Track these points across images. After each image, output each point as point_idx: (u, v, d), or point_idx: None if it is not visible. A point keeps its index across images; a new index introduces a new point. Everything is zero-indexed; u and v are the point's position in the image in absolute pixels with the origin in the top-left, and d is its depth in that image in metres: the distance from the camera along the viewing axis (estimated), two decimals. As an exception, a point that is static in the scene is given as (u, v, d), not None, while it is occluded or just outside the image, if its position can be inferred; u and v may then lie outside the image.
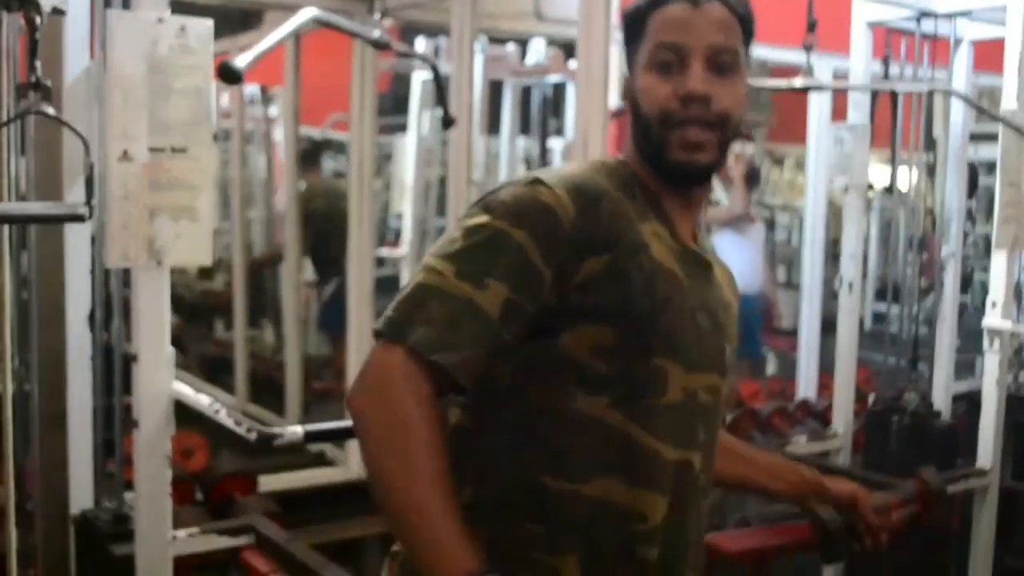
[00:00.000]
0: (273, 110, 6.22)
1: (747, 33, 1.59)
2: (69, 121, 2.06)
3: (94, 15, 2.53)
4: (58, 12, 2.21)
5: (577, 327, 1.46)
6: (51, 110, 1.90)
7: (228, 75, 2.31)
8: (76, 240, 2.55)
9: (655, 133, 1.53)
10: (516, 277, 1.42)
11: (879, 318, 5.32)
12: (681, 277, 1.54)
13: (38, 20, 1.84)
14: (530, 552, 1.46)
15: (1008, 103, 3.73)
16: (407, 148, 5.61)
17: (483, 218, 1.46)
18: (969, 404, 4.33)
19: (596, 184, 1.53)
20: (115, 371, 2.75)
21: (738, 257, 6.93)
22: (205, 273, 6.16)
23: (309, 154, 5.87)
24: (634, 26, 1.58)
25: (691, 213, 1.64)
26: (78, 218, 1.99)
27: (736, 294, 1.75)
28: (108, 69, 2.22)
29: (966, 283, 5.94)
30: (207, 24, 2.29)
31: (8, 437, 2.19)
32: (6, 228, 2.18)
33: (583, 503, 1.46)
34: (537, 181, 1.49)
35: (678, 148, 1.52)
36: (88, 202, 1.97)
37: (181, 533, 2.53)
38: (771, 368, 7.50)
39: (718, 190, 7.61)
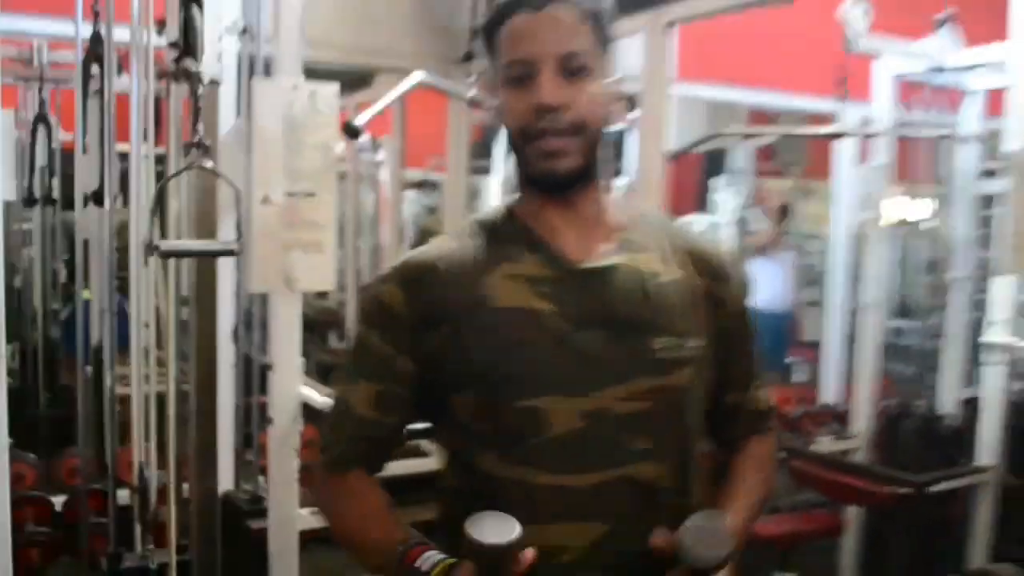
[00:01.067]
0: (380, 155, 6.27)
1: (600, 28, 1.36)
2: (222, 172, 2.11)
3: (240, 83, 2.57)
4: (214, 83, 2.23)
5: (452, 396, 1.37)
6: (210, 164, 1.95)
7: (350, 132, 2.37)
8: (225, 268, 2.57)
9: (519, 148, 1.36)
10: (376, 372, 1.39)
11: (896, 332, 5.23)
12: (542, 307, 1.33)
13: (200, 90, 1.88)
14: None
15: (1011, 143, 3.63)
16: (492, 187, 5.63)
17: (357, 326, 1.48)
18: (975, 409, 4.21)
19: (422, 260, 1.40)
20: (253, 377, 2.78)
21: (769, 280, 6.91)
22: (321, 293, 6.23)
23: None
24: (488, 43, 1.40)
25: (582, 222, 1.40)
26: (231, 253, 2.04)
27: (701, 267, 1.45)
28: (253, 128, 2.25)
29: (980, 302, 5.85)
30: (333, 89, 2.31)
31: (170, 430, 2.25)
32: (172, 260, 2.24)
33: None
34: (377, 281, 1.45)
35: (537, 159, 1.34)
36: (238, 240, 2.03)
37: (305, 511, 2.53)
38: (799, 376, 7.40)
39: (753, 218, 7.57)
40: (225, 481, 2.73)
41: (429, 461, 4.25)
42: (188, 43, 1.83)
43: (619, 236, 1.42)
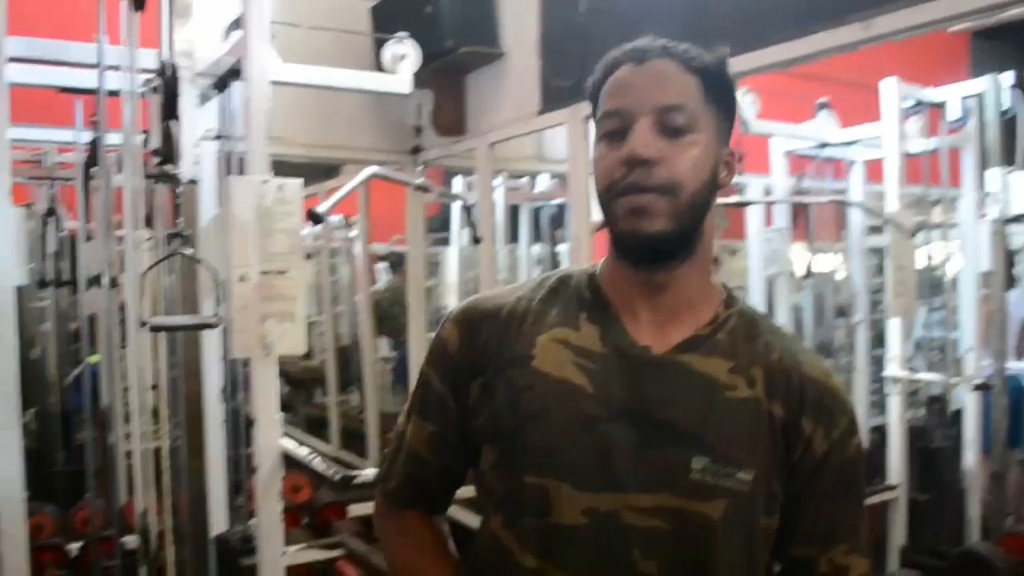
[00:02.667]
0: (353, 232, 6.38)
1: (711, 87, 1.11)
2: (202, 255, 2.21)
3: (219, 179, 2.66)
4: (192, 182, 2.34)
5: (483, 447, 1.18)
6: (190, 251, 2.06)
7: (314, 218, 2.46)
8: (213, 338, 2.63)
9: (605, 205, 1.11)
10: (430, 411, 1.23)
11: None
12: (579, 383, 1.11)
13: (179, 188, 2.00)
14: None
15: (890, 206, 3.81)
16: (450, 256, 5.75)
17: (424, 362, 1.28)
18: (883, 435, 4.32)
19: (485, 307, 1.22)
20: (240, 430, 2.81)
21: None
22: (306, 355, 6.29)
23: (396, 263, 6.12)
24: (594, 102, 1.17)
25: (663, 305, 1.14)
26: (211, 326, 2.14)
27: (783, 391, 1.13)
28: (229, 217, 2.32)
29: (881, 340, 6.00)
30: (298, 182, 2.38)
31: (166, 479, 2.32)
32: (161, 333, 2.34)
33: None
34: (445, 319, 1.26)
35: (623, 216, 1.08)
36: (216, 313, 2.13)
37: (291, 548, 2.56)
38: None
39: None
40: (220, 523, 2.74)
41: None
42: (168, 151, 1.95)
43: (702, 332, 1.15)
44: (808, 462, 1.13)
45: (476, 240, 3.23)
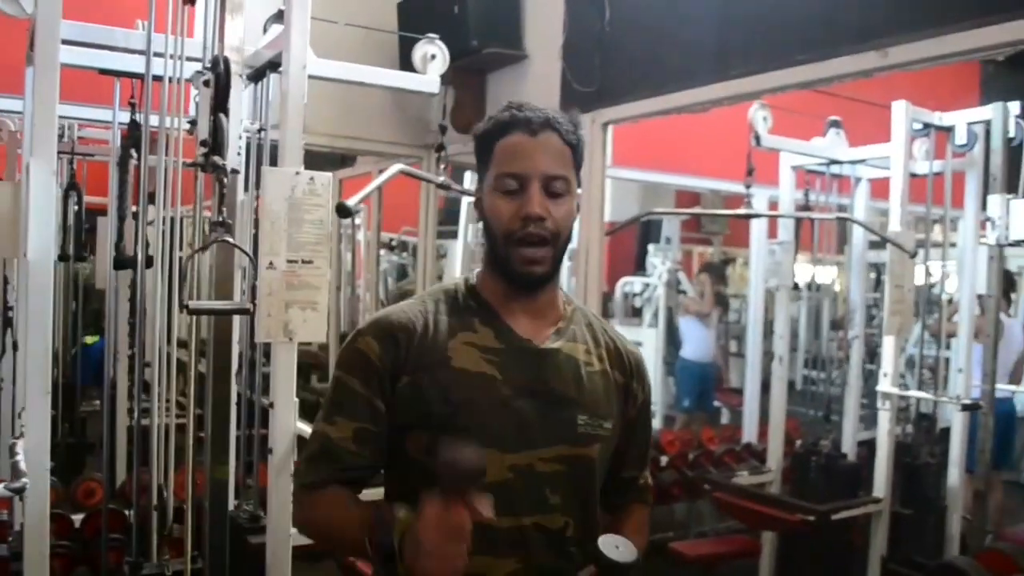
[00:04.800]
0: (357, 219, 6.47)
1: (577, 157, 1.50)
2: (239, 245, 2.29)
3: (248, 168, 2.74)
4: (235, 171, 2.43)
5: (408, 435, 1.46)
6: (231, 239, 2.15)
7: (342, 211, 2.54)
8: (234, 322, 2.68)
9: (501, 248, 1.46)
10: (355, 411, 1.47)
11: (810, 381, 5.48)
12: (490, 374, 1.46)
13: (225, 180, 2.09)
14: None
15: (893, 225, 3.93)
16: (457, 249, 5.85)
17: (336, 371, 1.53)
18: (871, 448, 4.44)
19: (397, 320, 1.50)
20: (256, 412, 2.90)
21: (699, 334, 7.19)
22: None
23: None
24: (482, 150, 1.50)
25: (535, 310, 1.53)
26: (246, 311, 2.23)
27: (623, 366, 1.61)
28: (261, 206, 2.40)
29: (873, 355, 6.12)
30: (328, 176, 2.46)
31: (189, 460, 2.42)
32: (196, 317, 2.44)
33: None
34: (357, 333, 1.52)
35: (519, 263, 1.45)
36: (252, 300, 2.23)
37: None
38: (724, 419, 7.62)
39: (684, 283, 7.87)
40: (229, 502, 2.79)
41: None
42: (217, 143, 2.05)
43: (560, 325, 1.55)
44: (634, 411, 1.62)
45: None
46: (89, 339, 5.21)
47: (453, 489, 1.26)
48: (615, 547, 1.38)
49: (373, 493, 1.55)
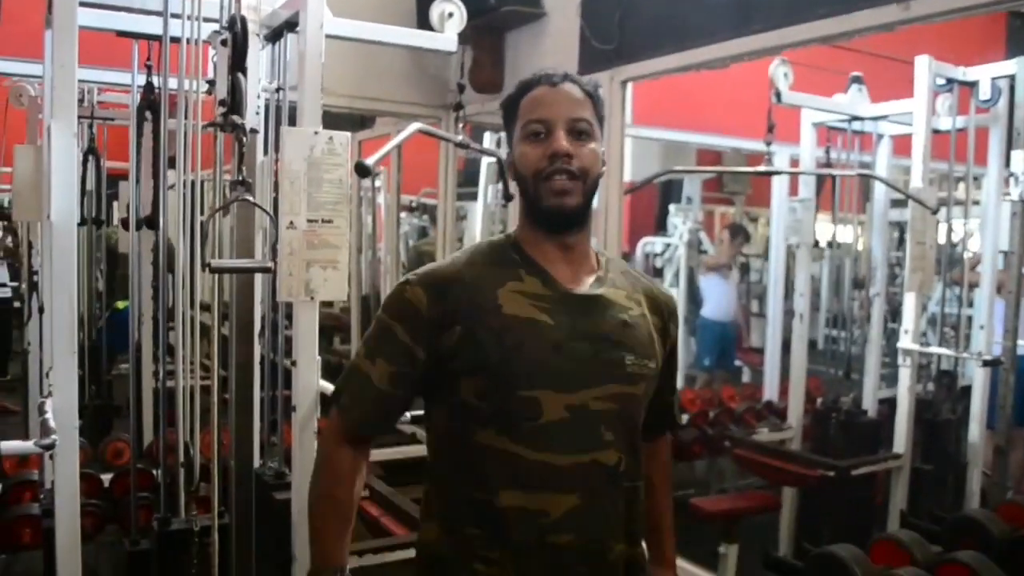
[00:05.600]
0: (377, 182, 6.48)
1: (598, 107, 1.59)
2: (260, 203, 2.31)
3: (268, 129, 2.73)
4: (254, 131, 2.42)
5: (462, 380, 1.53)
6: (251, 198, 2.16)
7: (361, 170, 2.53)
8: (256, 281, 2.70)
9: (531, 188, 1.55)
10: (395, 355, 1.56)
11: (832, 340, 5.48)
12: (542, 319, 1.53)
13: (245, 139, 2.09)
14: (473, 549, 1.53)
15: (915, 182, 3.91)
16: (477, 211, 5.85)
17: (380, 313, 1.62)
18: (892, 406, 4.45)
19: (447, 272, 1.58)
20: (280, 373, 2.90)
21: (719, 293, 7.18)
22: (326, 302, 6.42)
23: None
24: (509, 111, 1.61)
25: (573, 259, 1.61)
26: (268, 270, 2.25)
27: (656, 307, 1.69)
28: (281, 166, 2.41)
29: (896, 314, 6.10)
30: (347, 135, 2.46)
31: (214, 418, 2.45)
32: (218, 279, 2.45)
33: (498, 510, 1.50)
34: (405, 282, 1.59)
35: (549, 195, 1.53)
36: (273, 259, 2.24)
37: None
38: (746, 377, 7.64)
39: (706, 243, 7.84)
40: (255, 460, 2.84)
41: (423, 448, 4.47)
42: (235, 102, 2.05)
43: (600, 274, 1.63)
44: (670, 349, 1.72)
45: (508, 198, 3.32)
46: (121, 304, 5.27)
47: None
48: None
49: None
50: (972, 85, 4.08)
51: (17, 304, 6.36)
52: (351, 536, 1.64)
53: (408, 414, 2.12)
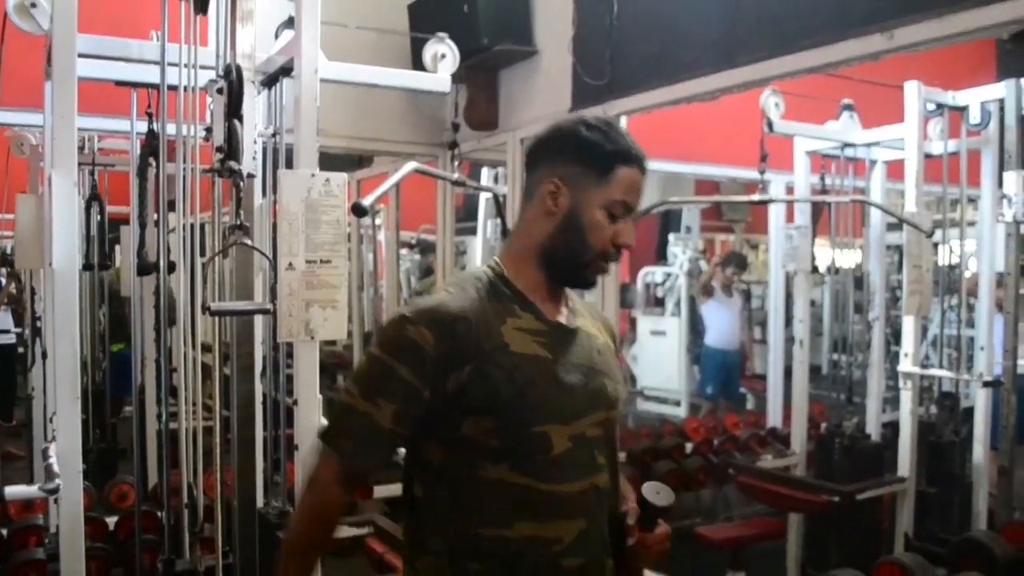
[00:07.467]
0: (377, 220, 6.53)
1: None
2: (259, 247, 2.35)
3: (265, 172, 2.77)
4: (251, 176, 2.48)
5: (468, 418, 1.51)
6: (250, 241, 2.20)
7: (358, 211, 2.58)
8: (256, 323, 2.74)
9: (589, 260, 1.58)
10: (399, 396, 1.50)
11: (834, 364, 5.48)
12: (544, 355, 1.56)
13: (242, 184, 2.13)
14: None
15: (909, 206, 3.94)
16: (476, 245, 5.89)
17: (376, 351, 1.55)
18: (896, 430, 4.42)
19: (453, 310, 1.52)
20: (282, 411, 2.89)
21: (721, 321, 7.19)
22: (329, 340, 6.45)
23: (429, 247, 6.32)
24: (598, 161, 1.56)
25: (557, 294, 1.65)
26: (267, 311, 2.28)
27: (609, 330, 1.77)
28: (279, 209, 2.43)
29: (899, 337, 6.10)
30: (343, 176, 2.49)
31: (217, 458, 2.47)
32: (219, 320, 2.48)
33: (509, 542, 1.51)
34: (404, 319, 1.52)
35: (595, 273, 1.61)
36: (273, 300, 2.27)
37: None
38: (750, 405, 7.62)
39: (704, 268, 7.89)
40: (257, 499, 2.82)
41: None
42: (232, 148, 2.10)
43: (570, 306, 1.67)
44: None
45: (505, 232, 3.36)
46: (116, 346, 5.30)
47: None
48: (656, 493, 1.61)
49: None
50: (962, 109, 4.12)
51: (21, 350, 6.40)
52: None
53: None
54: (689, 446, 5.16)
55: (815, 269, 4.96)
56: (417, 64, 3.18)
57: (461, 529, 1.54)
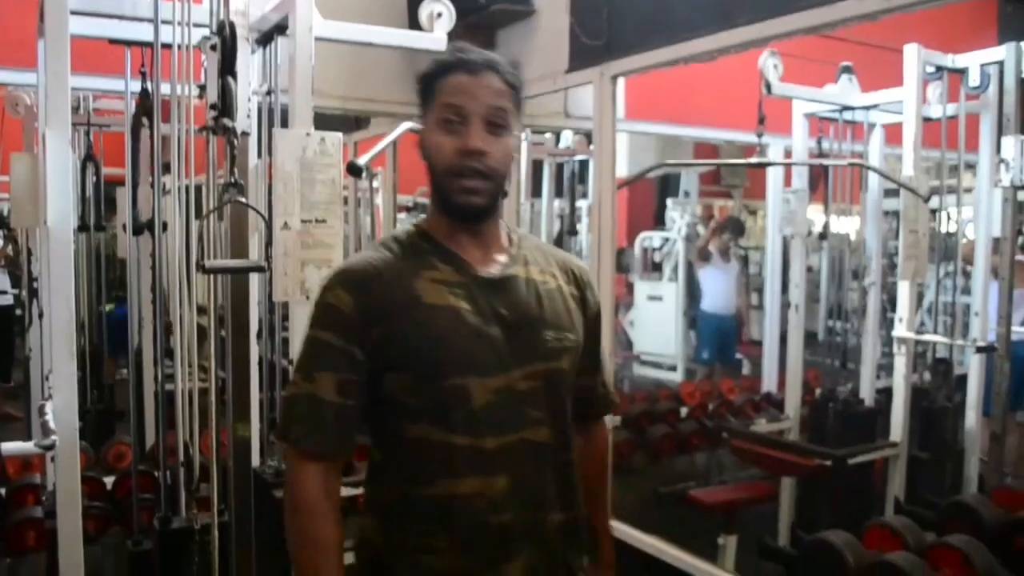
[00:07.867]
0: (375, 183, 6.50)
1: (517, 97, 1.53)
2: (253, 205, 2.34)
3: (261, 131, 2.76)
4: (245, 134, 2.45)
5: (388, 375, 1.49)
6: (244, 199, 2.19)
7: (353, 170, 2.58)
8: (252, 282, 2.71)
9: (442, 182, 1.50)
10: (333, 363, 1.47)
11: (830, 331, 5.50)
12: (461, 306, 1.50)
13: (235, 141, 2.13)
14: (417, 540, 1.49)
15: (907, 170, 3.92)
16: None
17: (307, 331, 1.53)
18: (890, 395, 4.45)
19: (365, 268, 1.52)
20: (278, 373, 2.94)
21: (718, 286, 7.21)
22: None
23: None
24: (425, 90, 1.53)
25: (483, 242, 1.56)
26: (261, 269, 2.29)
27: (574, 278, 1.68)
28: (274, 168, 2.45)
29: (894, 302, 6.10)
30: (338, 136, 2.51)
31: (213, 421, 2.49)
32: (215, 281, 2.49)
33: (436, 500, 1.48)
34: (323, 288, 1.53)
35: (459, 193, 1.48)
36: (268, 259, 2.28)
37: None
38: (746, 370, 7.66)
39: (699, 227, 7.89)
40: (253, 459, 2.84)
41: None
42: (225, 105, 2.09)
43: (510, 252, 1.59)
44: (590, 319, 1.68)
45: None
46: (108, 306, 5.31)
47: None
48: None
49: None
50: (961, 72, 4.10)
51: (19, 311, 6.41)
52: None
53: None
54: (684, 410, 5.19)
55: (811, 233, 4.94)
56: (414, 23, 3.16)
57: (396, 488, 1.52)
